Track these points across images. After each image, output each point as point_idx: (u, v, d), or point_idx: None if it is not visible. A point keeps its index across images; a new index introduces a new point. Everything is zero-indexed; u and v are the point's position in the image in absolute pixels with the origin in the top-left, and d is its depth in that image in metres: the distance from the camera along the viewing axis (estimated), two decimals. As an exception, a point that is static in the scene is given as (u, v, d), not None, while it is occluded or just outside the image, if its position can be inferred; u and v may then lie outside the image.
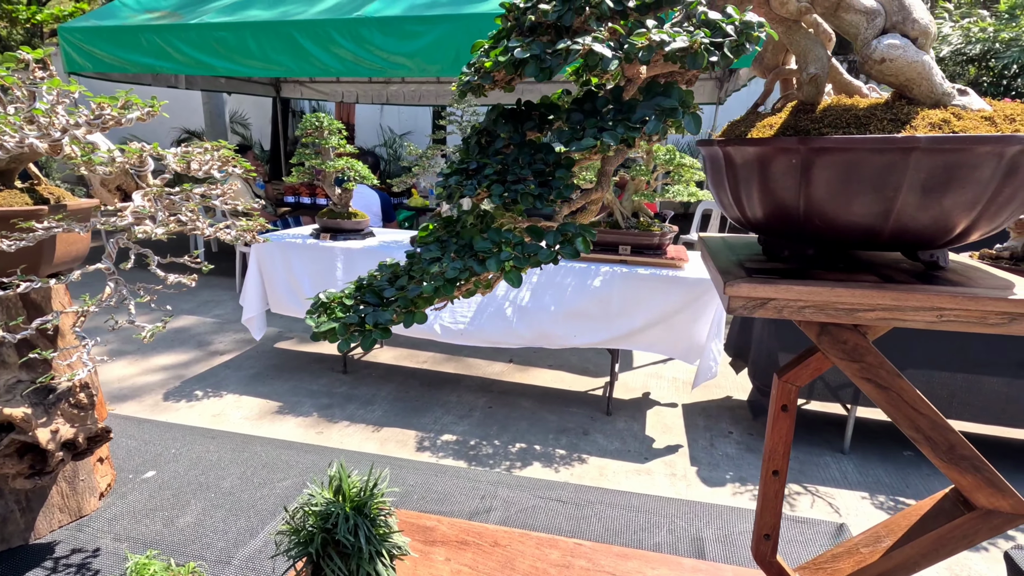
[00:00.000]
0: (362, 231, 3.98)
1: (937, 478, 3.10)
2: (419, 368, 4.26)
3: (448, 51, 4.39)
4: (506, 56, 0.66)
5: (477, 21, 4.22)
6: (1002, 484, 0.81)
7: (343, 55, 4.63)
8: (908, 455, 3.34)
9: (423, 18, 4.35)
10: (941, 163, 0.68)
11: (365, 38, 4.56)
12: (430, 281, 0.68)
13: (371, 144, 9.34)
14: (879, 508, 2.86)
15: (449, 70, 4.53)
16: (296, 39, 4.65)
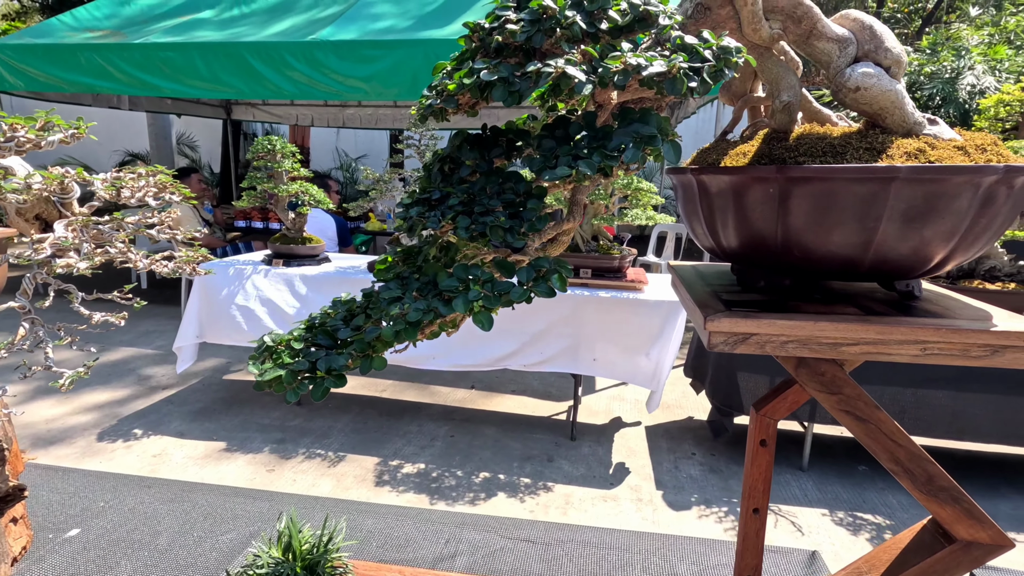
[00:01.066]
0: (317, 256, 3.85)
1: (891, 492, 3.17)
2: (378, 397, 4.12)
3: (405, 75, 4.36)
4: (472, 78, 0.62)
5: (435, 46, 4.22)
6: (981, 515, 0.79)
7: (297, 78, 4.54)
8: (863, 469, 3.41)
9: (380, 42, 4.32)
10: (921, 193, 0.68)
11: (320, 61, 4.49)
12: (390, 323, 0.62)
13: (327, 168, 9.18)
14: (839, 524, 2.89)
15: (406, 94, 4.50)
16: (248, 61, 4.53)
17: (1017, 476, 3.29)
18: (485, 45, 0.67)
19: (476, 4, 4.98)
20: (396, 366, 4.67)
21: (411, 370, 4.55)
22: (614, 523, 2.77)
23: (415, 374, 4.49)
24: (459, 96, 0.65)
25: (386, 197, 3.64)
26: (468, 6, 4.98)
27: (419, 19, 4.91)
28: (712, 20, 0.75)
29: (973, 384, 2.92)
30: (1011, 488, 3.21)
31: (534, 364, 3.29)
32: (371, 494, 2.92)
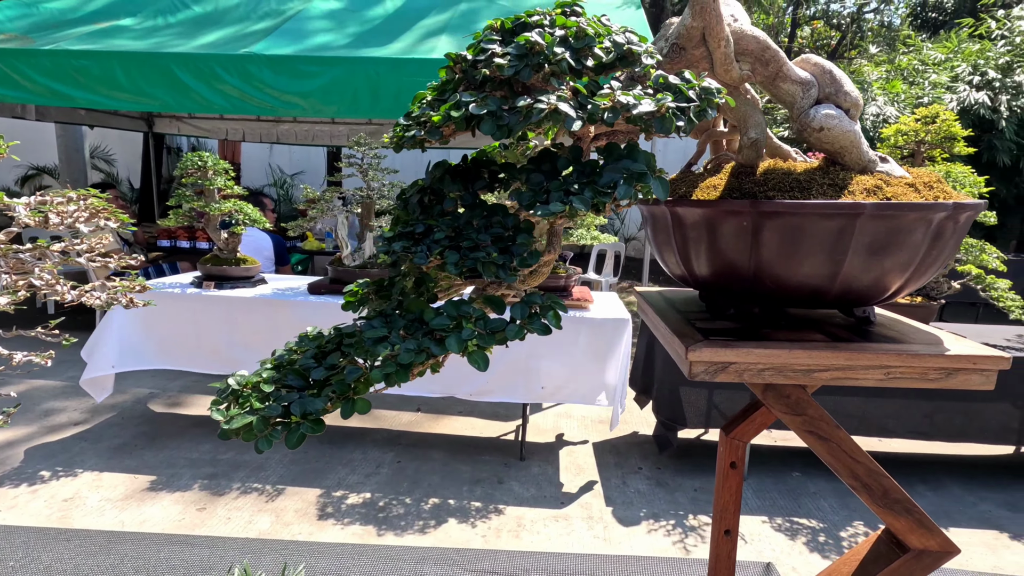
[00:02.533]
0: (252, 278, 3.68)
1: (823, 496, 3.34)
2: (319, 424, 3.94)
3: (345, 93, 4.28)
4: (460, 111, 0.61)
5: (376, 65, 4.17)
6: (931, 524, 0.85)
7: (229, 92, 4.35)
8: (797, 475, 3.58)
9: (318, 59, 4.22)
10: (883, 227, 0.73)
11: (254, 75, 4.33)
12: (380, 366, 0.59)
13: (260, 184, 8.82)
14: (778, 531, 3.01)
15: (347, 112, 4.41)
16: (175, 73, 4.31)
17: (930, 475, 3.56)
18: (469, 77, 0.66)
19: (415, 25, 4.98)
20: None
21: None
22: (567, 543, 2.77)
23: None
24: (444, 128, 0.63)
25: (326, 216, 3.54)
26: (407, 27, 4.98)
27: (358, 37, 4.85)
28: (686, 60, 0.78)
29: (880, 389, 3.16)
30: (926, 486, 3.47)
31: (481, 393, 3.25)
32: (314, 529, 2.78)
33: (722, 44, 0.75)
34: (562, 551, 2.69)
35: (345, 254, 3.50)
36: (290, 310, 3.31)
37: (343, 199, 3.76)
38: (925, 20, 12.11)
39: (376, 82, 4.26)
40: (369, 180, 3.46)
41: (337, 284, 3.48)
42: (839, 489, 3.40)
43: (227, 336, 3.36)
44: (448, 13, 5.05)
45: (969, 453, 3.82)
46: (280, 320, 3.31)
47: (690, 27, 0.75)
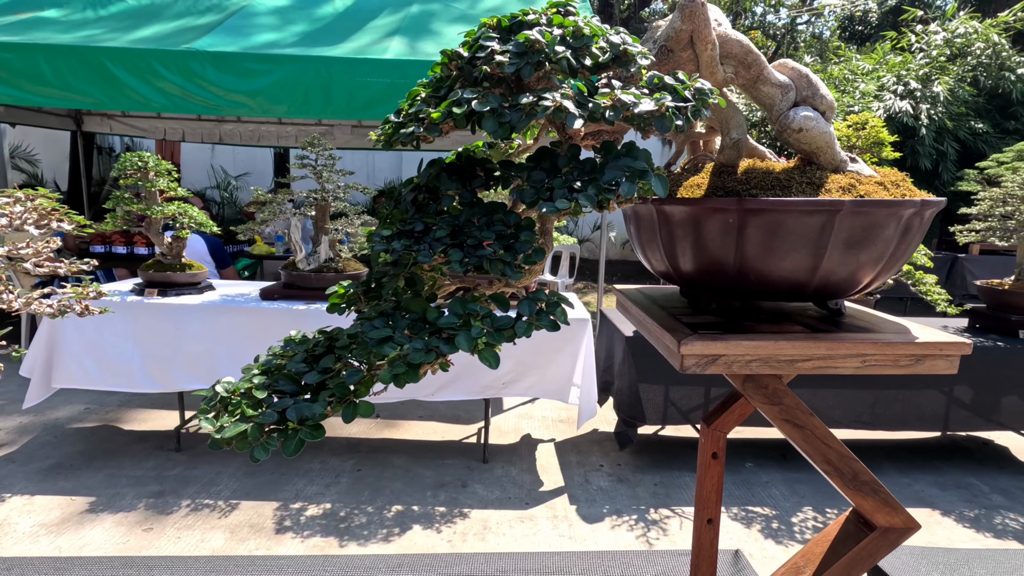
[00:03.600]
0: (199, 284, 3.52)
1: (774, 485, 3.49)
2: (272, 435, 3.81)
3: (295, 92, 4.16)
4: (462, 108, 0.60)
5: (328, 64, 4.08)
6: (895, 503, 0.90)
7: (169, 89, 4.15)
8: (749, 466, 3.72)
9: (266, 56, 4.09)
10: (860, 223, 0.77)
11: (196, 72, 4.15)
12: (389, 367, 0.57)
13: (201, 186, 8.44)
14: (734, 520, 3.12)
15: (297, 112, 4.29)
16: (108, 68, 4.07)
17: (870, 460, 3.77)
18: (465, 74, 0.65)
19: (366, 26, 4.91)
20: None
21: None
22: (533, 543, 2.78)
23: (313, 406, 4.22)
24: (443, 125, 0.62)
25: (277, 219, 3.42)
26: (359, 27, 4.89)
27: (306, 35, 4.73)
28: (673, 63, 0.80)
29: (824, 380, 3.34)
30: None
31: (442, 392, 3.22)
32: (272, 543, 2.68)
33: (708, 47, 0.78)
34: (532, 551, 2.70)
35: (299, 258, 3.40)
36: (242, 317, 3.18)
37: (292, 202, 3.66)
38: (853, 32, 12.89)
39: (328, 82, 4.17)
40: (323, 182, 3.37)
41: (291, 289, 3.38)
42: (788, 478, 3.56)
43: (174, 346, 3.20)
44: (400, 14, 4.99)
45: (904, 438, 4.07)
46: (231, 327, 3.18)
47: (679, 30, 0.77)
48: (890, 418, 3.40)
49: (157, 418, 4.00)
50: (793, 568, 0.96)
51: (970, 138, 7.49)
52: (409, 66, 4.27)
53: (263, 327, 3.17)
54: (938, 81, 7.52)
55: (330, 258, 3.43)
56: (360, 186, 3.56)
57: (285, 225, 3.48)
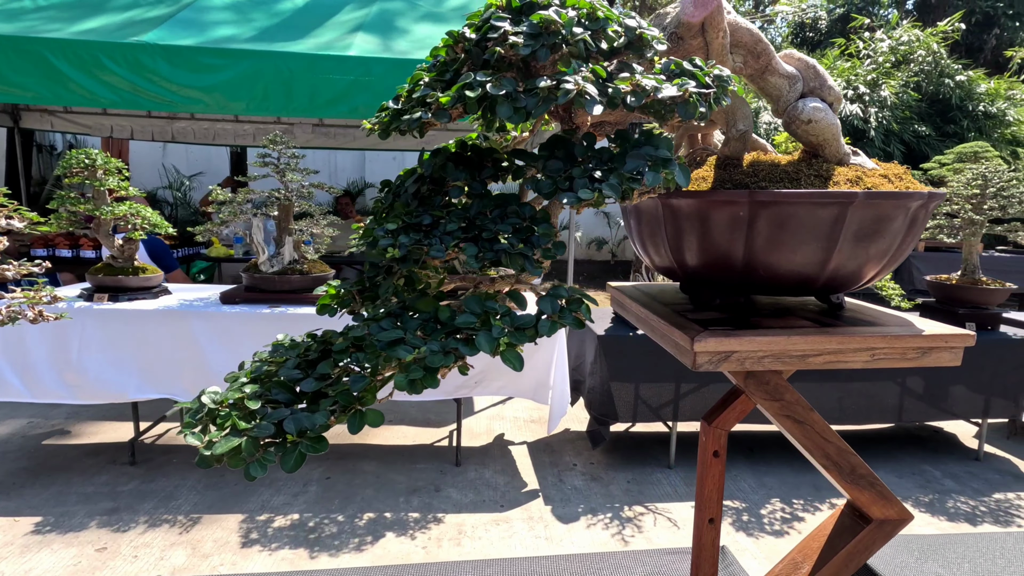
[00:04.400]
0: (154, 288, 3.35)
1: (742, 478, 3.55)
2: (235, 444, 3.65)
3: (254, 89, 4.01)
4: (475, 91, 0.56)
5: (288, 60, 3.95)
6: (890, 495, 0.91)
7: (117, 84, 3.95)
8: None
9: (223, 51, 3.93)
10: (870, 215, 0.76)
11: (147, 66, 3.95)
12: (402, 371, 0.53)
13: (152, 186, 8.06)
14: (707, 515, 3.16)
15: (256, 109, 4.14)
16: (49, 60, 3.84)
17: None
18: (473, 57, 0.61)
19: (328, 21, 4.78)
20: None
21: (271, 409, 4.13)
22: (509, 546, 2.75)
23: (277, 414, 4.08)
24: (453, 110, 0.58)
25: (238, 219, 3.28)
26: (320, 22, 4.77)
27: (265, 30, 4.58)
28: (684, 50, 0.78)
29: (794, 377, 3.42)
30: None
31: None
32: (237, 558, 2.56)
33: (720, 35, 0.76)
34: (515, 555, 2.67)
35: (262, 260, 3.27)
36: (202, 322, 3.04)
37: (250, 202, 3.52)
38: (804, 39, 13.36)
39: (289, 78, 4.03)
40: (287, 181, 3.26)
41: (254, 292, 3.25)
42: (756, 471, 3.64)
43: (127, 353, 3.03)
44: (364, 10, 4.89)
45: (862, 429, 4.22)
46: (191, 333, 3.04)
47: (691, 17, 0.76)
48: (856, 412, 3.51)
49: (109, 430, 3.79)
50: (791, 564, 0.96)
51: (914, 140, 7.85)
52: (375, 63, 4.18)
53: (225, 332, 3.04)
54: (885, 86, 7.87)
55: (295, 260, 3.31)
56: (325, 185, 3.46)
57: (246, 226, 3.35)
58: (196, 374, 3.08)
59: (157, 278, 3.36)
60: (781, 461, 3.76)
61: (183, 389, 3.10)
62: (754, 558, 2.77)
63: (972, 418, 3.92)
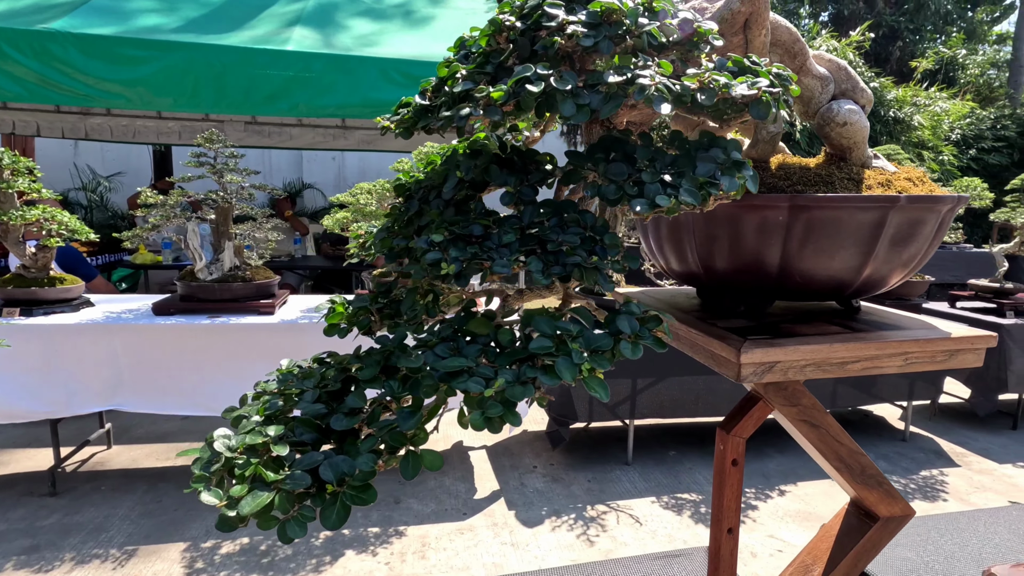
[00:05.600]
0: (73, 300, 3.04)
1: (698, 470, 3.65)
2: (171, 466, 3.40)
3: (183, 83, 3.74)
4: (537, 86, 0.50)
5: (220, 54, 3.70)
6: (895, 493, 0.93)
7: (22, 75, 3.57)
8: (673, 454, 3.87)
9: (146, 42, 3.63)
10: (908, 219, 0.76)
11: (57, 56, 3.60)
12: (475, 407, 0.45)
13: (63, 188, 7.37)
14: (666, 508, 3.22)
15: (185, 105, 3.86)
16: (-60, 47, 3.42)
17: (777, 439, 4.07)
18: (520, 47, 0.55)
19: (263, 13, 4.53)
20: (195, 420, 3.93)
21: (212, 425, 3.86)
22: (475, 555, 2.69)
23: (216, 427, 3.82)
24: (505, 106, 0.52)
25: (171, 223, 3.04)
26: (254, 14, 4.51)
27: (193, 21, 4.28)
28: (723, 49, 0.75)
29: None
30: (774, 449, 3.95)
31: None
32: (185, 590, 2.37)
33: (763, 32, 0.74)
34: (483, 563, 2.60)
35: (199, 267, 3.04)
36: (133, 336, 2.79)
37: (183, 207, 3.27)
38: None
39: (222, 73, 3.78)
40: (225, 182, 3.04)
41: (191, 302, 3.01)
42: (709, 462, 3.74)
43: (42, 373, 2.73)
44: (299, 4, 4.66)
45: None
46: (121, 349, 2.78)
47: (736, 12, 0.72)
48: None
49: (23, 458, 3.43)
50: (801, 567, 0.96)
51: (834, 143, 8.35)
52: (315, 59, 4.00)
53: (160, 346, 2.80)
54: (807, 91, 8.30)
55: (236, 266, 3.10)
56: (268, 186, 3.26)
57: (180, 230, 3.10)
58: (130, 392, 2.83)
59: (77, 289, 3.05)
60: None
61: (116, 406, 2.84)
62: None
63: (898, 401, 4.21)
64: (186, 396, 2.85)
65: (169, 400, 2.86)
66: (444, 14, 5.00)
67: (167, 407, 2.88)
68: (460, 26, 4.82)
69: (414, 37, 4.47)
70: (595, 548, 2.81)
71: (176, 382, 2.83)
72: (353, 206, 3.03)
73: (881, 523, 0.91)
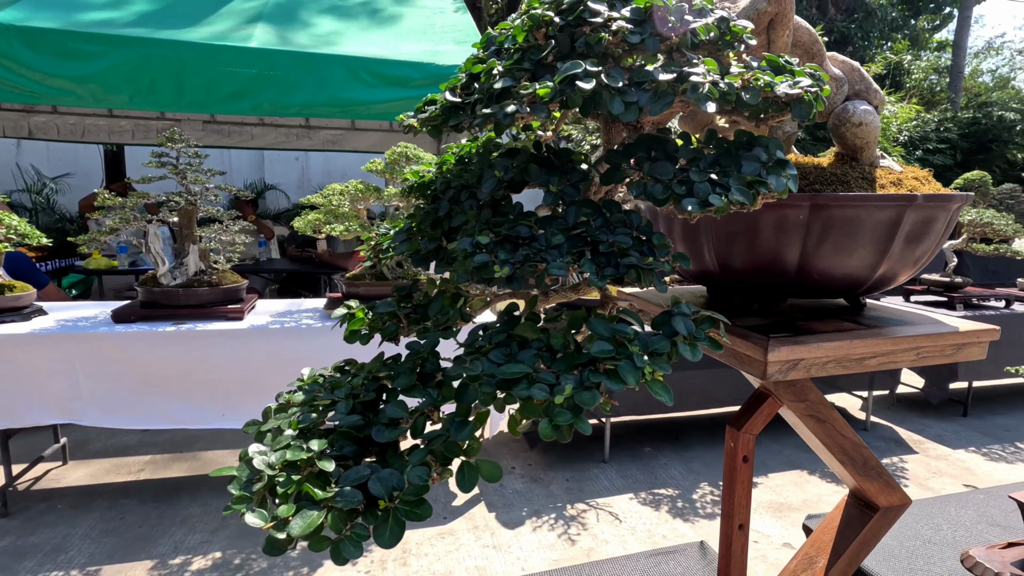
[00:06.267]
0: (24, 309, 2.87)
1: (672, 465, 3.70)
2: (134, 481, 3.25)
3: (140, 80, 3.59)
4: (589, 83, 0.48)
5: (180, 50, 3.57)
6: (893, 483, 0.95)
7: (-40, 69, 3.36)
8: (648, 451, 3.93)
9: (101, 37, 3.47)
10: (922, 217, 0.78)
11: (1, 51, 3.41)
12: (549, 415, 0.43)
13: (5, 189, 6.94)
14: (645, 504, 3.26)
15: (142, 102, 3.71)
16: None
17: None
18: (561, 44, 0.53)
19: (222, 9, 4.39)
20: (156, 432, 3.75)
21: (174, 438, 3.71)
22: (457, 559, 2.66)
23: (182, 441, 3.69)
24: (552, 104, 0.50)
25: (130, 226, 2.90)
26: (213, 10, 4.36)
27: (149, 16, 4.12)
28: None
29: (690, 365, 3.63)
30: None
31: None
32: (154, 611, 2.26)
33: (786, 33, 0.75)
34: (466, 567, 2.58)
35: (162, 271, 2.91)
36: (90, 346, 2.65)
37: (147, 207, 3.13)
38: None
39: (181, 70, 3.65)
40: (189, 183, 2.93)
41: (153, 309, 2.88)
42: (683, 457, 3.81)
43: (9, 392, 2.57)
44: (260, 0, 4.54)
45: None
46: (78, 359, 2.63)
47: (763, 12, 0.73)
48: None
49: (-31, 480, 3.21)
50: (805, 559, 0.97)
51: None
52: (280, 56, 3.89)
53: (121, 355, 2.67)
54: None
55: (201, 270, 2.98)
56: (233, 187, 3.15)
57: (140, 234, 2.97)
58: (88, 403, 2.68)
59: (28, 297, 2.88)
60: (704, 445, 3.97)
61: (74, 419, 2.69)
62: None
63: (858, 392, 4.37)
64: (151, 408, 2.72)
65: (131, 413, 2.72)
66: (411, 13, 4.93)
67: (130, 421, 2.74)
68: (427, 25, 4.76)
69: (381, 36, 4.40)
70: (576, 547, 2.82)
71: (138, 394, 2.70)
72: (325, 207, 2.96)
73: (881, 513, 0.94)
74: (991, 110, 9.93)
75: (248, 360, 2.79)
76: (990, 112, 9.91)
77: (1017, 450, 4.07)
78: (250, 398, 2.81)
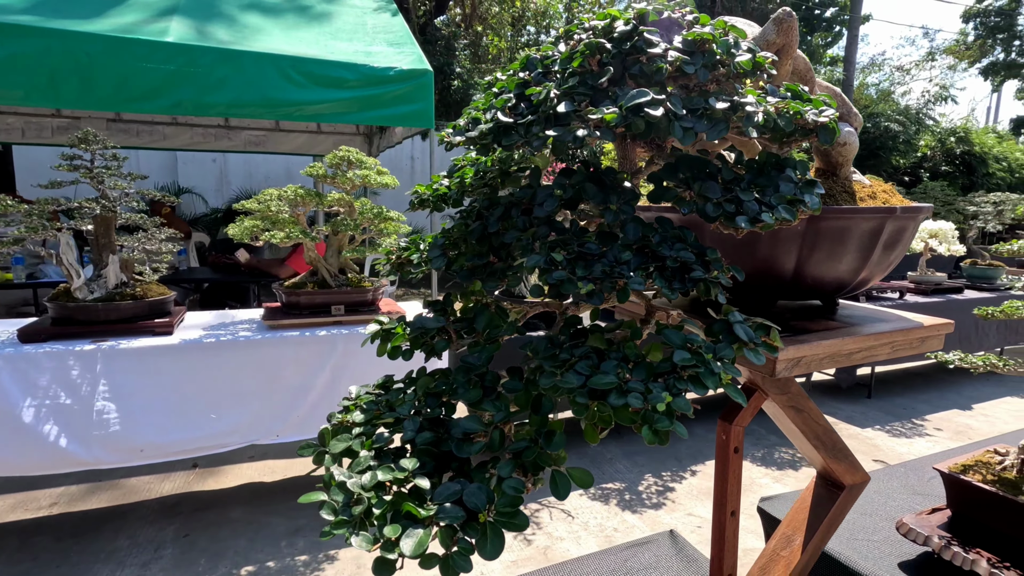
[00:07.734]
0: (-92, 332, 2.53)
1: (618, 460, 3.84)
2: (47, 516, 2.95)
3: (37, 74, 3.27)
4: (657, 110, 0.50)
5: (86, 43, 3.29)
6: (857, 463, 1.06)
7: None
8: (594, 447, 4.05)
9: (-8, 24, 3.13)
10: (898, 227, 0.87)
11: None
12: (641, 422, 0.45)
13: None
14: (594, 499, 3.36)
15: (40, 99, 3.37)
16: None
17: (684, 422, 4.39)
18: (616, 70, 0.55)
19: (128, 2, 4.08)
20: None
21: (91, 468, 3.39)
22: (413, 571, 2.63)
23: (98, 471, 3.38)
24: (618, 128, 0.52)
25: (37, 236, 2.63)
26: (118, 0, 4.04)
27: (44, 4, 3.76)
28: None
29: None
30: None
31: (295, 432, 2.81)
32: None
33: (790, 61, 0.81)
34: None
35: (76, 284, 2.67)
36: (-2, 369, 2.38)
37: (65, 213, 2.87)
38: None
39: (88, 64, 3.35)
40: (107, 188, 2.70)
41: (67, 326, 2.63)
42: (627, 451, 3.96)
43: None
44: (175, -11, 4.24)
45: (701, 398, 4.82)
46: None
47: (771, 43, 0.78)
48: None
49: None
50: (784, 539, 1.06)
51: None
52: (200, 52, 3.66)
53: (35, 379, 2.42)
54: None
55: (123, 282, 2.76)
56: (158, 193, 2.94)
57: (51, 245, 2.70)
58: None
59: (-87, 317, 2.54)
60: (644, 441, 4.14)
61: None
62: (642, 533, 3.01)
63: (778, 381, 4.71)
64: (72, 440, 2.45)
65: (40, 452, 2.40)
66: (340, 11, 4.80)
67: (39, 465, 2.41)
68: (358, 25, 4.65)
69: (310, 34, 4.25)
70: (533, 547, 2.87)
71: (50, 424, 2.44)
72: (262, 213, 2.82)
73: (847, 490, 1.04)
74: (879, 120, 10.99)
75: (183, 377, 2.61)
76: (878, 122, 10.96)
77: (914, 425, 4.55)
78: (185, 419, 2.62)
